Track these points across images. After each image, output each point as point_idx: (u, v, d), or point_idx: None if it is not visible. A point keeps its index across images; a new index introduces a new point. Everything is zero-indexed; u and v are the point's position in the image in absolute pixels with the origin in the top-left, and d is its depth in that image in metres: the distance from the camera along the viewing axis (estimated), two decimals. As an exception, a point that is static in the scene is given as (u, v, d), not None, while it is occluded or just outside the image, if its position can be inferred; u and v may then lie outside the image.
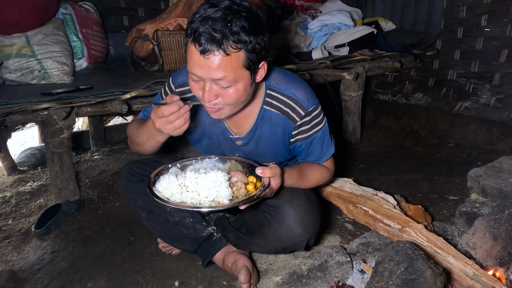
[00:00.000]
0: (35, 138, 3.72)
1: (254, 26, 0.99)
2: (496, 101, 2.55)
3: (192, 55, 0.99)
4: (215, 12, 0.95)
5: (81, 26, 2.59)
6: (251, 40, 0.99)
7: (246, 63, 1.01)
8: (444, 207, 1.83)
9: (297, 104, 1.21)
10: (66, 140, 1.88)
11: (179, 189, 1.07)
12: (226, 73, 0.99)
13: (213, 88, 1.04)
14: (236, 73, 1.01)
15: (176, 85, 1.29)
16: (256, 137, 1.28)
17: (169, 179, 1.10)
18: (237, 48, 0.98)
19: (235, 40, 0.96)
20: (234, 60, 0.99)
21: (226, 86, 1.03)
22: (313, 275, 1.26)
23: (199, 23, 0.96)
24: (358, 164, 2.47)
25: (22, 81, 2.22)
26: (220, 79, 1.00)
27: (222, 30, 0.95)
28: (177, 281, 1.39)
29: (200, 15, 0.97)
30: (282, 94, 1.22)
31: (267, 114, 1.24)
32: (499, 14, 2.48)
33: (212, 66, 0.98)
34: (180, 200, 1.05)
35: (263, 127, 1.26)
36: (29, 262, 1.58)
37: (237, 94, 1.05)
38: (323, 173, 1.35)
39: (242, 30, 0.96)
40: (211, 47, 0.96)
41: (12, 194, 2.21)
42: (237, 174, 1.14)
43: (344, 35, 2.89)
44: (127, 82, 2.14)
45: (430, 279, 0.96)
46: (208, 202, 1.04)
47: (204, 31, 0.95)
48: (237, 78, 1.02)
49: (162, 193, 1.07)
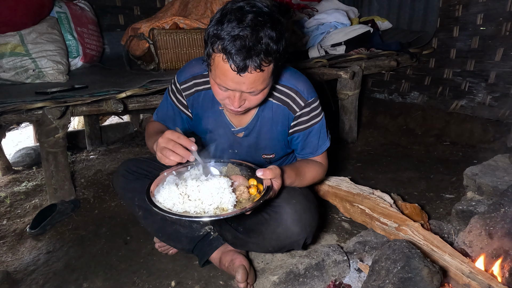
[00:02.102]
0: (30, 138, 3.69)
1: (280, 33, 1.01)
2: (492, 99, 2.56)
3: (226, 72, 1.00)
4: (244, 29, 0.95)
5: (76, 24, 2.57)
6: (279, 49, 1.01)
7: (274, 71, 1.06)
8: (440, 205, 1.84)
9: (297, 94, 1.24)
10: (61, 140, 1.87)
11: (180, 199, 1.04)
12: (259, 86, 1.04)
13: (242, 95, 1.07)
14: (266, 82, 1.06)
15: (180, 82, 1.30)
16: (258, 128, 1.30)
17: (169, 189, 1.06)
18: (269, 62, 1.01)
19: (267, 54, 0.98)
20: (266, 73, 1.03)
21: (256, 94, 1.08)
22: (310, 274, 1.26)
23: (231, 43, 0.96)
24: (354, 163, 2.47)
25: (16, 80, 2.20)
26: (252, 92, 1.05)
27: (255, 48, 0.96)
28: (174, 281, 1.38)
29: (228, 33, 0.96)
30: (283, 85, 1.25)
31: (268, 105, 1.26)
32: (495, 12, 2.49)
33: (247, 82, 1.01)
34: (183, 209, 1.02)
35: (265, 118, 1.28)
36: (24, 263, 1.57)
37: (263, 96, 1.12)
38: (318, 169, 1.36)
39: (271, 41, 0.98)
40: (248, 66, 0.97)
41: (7, 194, 2.19)
42: (238, 178, 1.13)
43: (341, 34, 2.89)
44: (123, 81, 2.13)
45: (426, 277, 0.96)
46: (213, 210, 1.02)
47: (239, 51, 0.95)
48: (266, 86, 1.08)
49: (164, 203, 1.04)
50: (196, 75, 1.28)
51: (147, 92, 1.93)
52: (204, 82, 1.27)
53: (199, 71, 1.27)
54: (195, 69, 1.28)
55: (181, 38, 2.42)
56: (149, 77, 2.11)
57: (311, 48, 2.82)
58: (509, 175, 1.62)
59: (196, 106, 1.32)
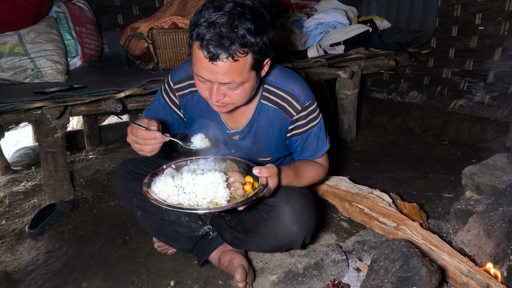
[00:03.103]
0: (29, 138, 3.68)
1: (259, 26, 0.99)
2: (490, 99, 2.56)
3: (200, 60, 0.99)
4: (221, 17, 0.95)
5: (74, 24, 2.57)
6: (257, 42, 0.99)
7: (253, 65, 1.03)
8: (439, 204, 1.84)
9: (294, 98, 1.22)
10: (60, 140, 1.87)
11: (175, 191, 1.05)
12: (234, 78, 1.01)
13: (220, 89, 1.05)
14: (244, 76, 1.03)
15: (174, 82, 1.29)
16: (253, 131, 1.29)
17: (165, 181, 1.08)
18: (244, 53, 0.99)
19: (242, 45, 0.97)
20: (242, 64, 1.00)
21: (235, 88, 1.05)
22: (309, 273, 1.26)
23: (206, 29, 0.95)
24: (353, 162, 2.47)
25: (15, 80, 2.20)
26: (228, 83, 1.03)
27: (229, 36, 0.95)
28: (173, 281, 1.38)
29: (205, 20, 0.96)
30: (279, 88, 1.23)
31: (264, 108, 1.25)
32: (493, 12, 2.50)
33: (221, 72, 0.99)
34: (177, 201, 1.04)
35: (260, 122, 1.27)
36: (23, 263, 1.57)
37: (244, 93, 1.08)
38: (318, 170, 1.35)
39: (248, 33, 0.96)
40: (220, 54, 0.96)
41: (6, 194, 2.19)
42: (234, 174, 1.14)
43: (340, 34, 2.89)
44: (122, 81, 2.13)
45: (425, 276, 0.96)
46: (206, 204, 1.03)
47: (211, 38, 0.95)
48: (244, 80, 1.04)
49: (159, 195, 1.06)
50: (191, 75, 1.26)
51: (146, 91, 1.93)
52: None
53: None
54: (190, 69, 1.24)
55: (180, 38, 2.42)
56: (148, 76, 2.11)
57: (310, 47, 2.81)
58: (507, 174, 1.62)
59: (190, 108, 1.31)
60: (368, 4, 3.50)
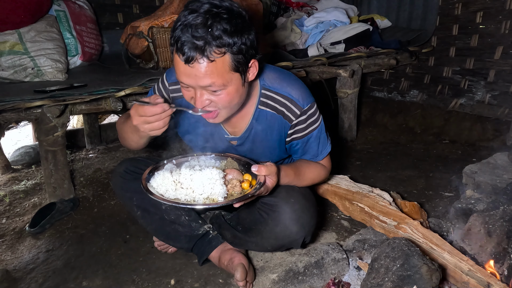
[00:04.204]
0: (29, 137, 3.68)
1: (237, 26, 0.97)
2: (491, 98, 2.56)
3: (178, 64, 0.98)
4: (195, 18, 0.94)
5: (75, 23, 2.56)
6: (235, 42, 0.97)
7: (233, 66, 1.00)
8: (439, 203, 1.84)
9: (292, 103, 1.20)
10: (60, 138, 1.87)
11: (173, 186, 1.07)
12: (213, 80, 0.98)
13: (204, 94, 1.03)
14: (224, 77, 0.99)
15: (170, 82, 1.27)
16: (252, 137, 1.28)
17: (163, 175, 1.09)
18: (221, 53, 0.96)
19: (218, 45, 0.94)
20: (220, 65, 0.97)
21: (217, 91, 1.02)
22: (309, 272, 1.26)
23: (180, 32, 0.94)
24: (354, 161, 2.47)
25: (15, 78, 2.20)
26: (208, 86, 0.99)
27: (203, 37, 0.93)
28: (173, 279, 1.38)
29: (181, 23, 0.95)
30: (277, 93, 1.21)
31: (262, 114, 1.23)
32: (494, 11, 2.49)
33: (199, 74, 0.97)
34: (174, 196, 1.05)
35: (259, 127, 1.25)
36: (23, 262, 1.57)
37: (229, 97, 1.04)
38: (320, 171, 1.35)
39: (224, 33, 0.94)
40: (195, 55, 0.94)
41: (6, 193, 2.19)
42: (232, 171, 1.14)
43: (340, 32, 2.89)
44: (122, 80, 2.13)
45: (425, 275, 0.96)
46: (203, 199, 1.04)
47: (186, 40, 0.93)
48: (226, 82, 1.01)
49: (157, 189, 1.07)
50: None
51: (146, 90, 1.92)
52: None
53: None
54: None
55: (180, 37, 2.41)
56: (148, 75, 2.11)
57: (311, 46, 2.81)
58: (508, 173, 1.62)
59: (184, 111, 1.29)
60: (368, 3, 3.49)
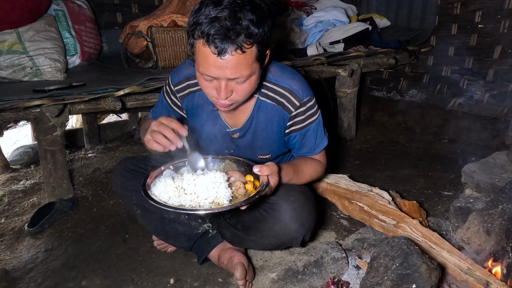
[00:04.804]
0: (28, 136, 3.68)
1: (260, 17, 1.00)
2: (490, 97, 2.56)
3: (208, 57, 0.99)
4: (222, 11, 0.95)
5: (73, 22, 2.56)
6: (260, 32, 0.99)
7: (257, 56, 1.03)
8: (438, 202, 1.84)
9: (292, 94, 1.22)
10: (59, 138, 1.86)
11: (176, 192, 1.04)
12: (243, 71, 1.01)
13: (228, 85, 1.05)
14: (251, 68, 1.03)
15: (174, 83, 1.30)
16: (253, 128, 1.29)
17: (165, 182, 1.07)
18: (250, 44, 0.98)
19: (247, 36, 0.97)
20: (249, 56, 1.00)
21: (242, 82, 1.05)
22: (308, 271, 1.26)
23: (209, 25, 0.95)
24: (353, 161, 2.47)
25: (13, 78, 2.19)
26: (237, 77, 1.02)
27: (234, 29, 0.95)
28: (173, 279, 1.38)
29: (206, 16, 0.96)
30: (277, 85, 1.23)
31: (263, 105, 1.25)
32: (493, 10, 2.50)
33: (230, 66, 0.99)
34: (178, 203, 1.03)
35: (259, 118, 1.27)
36: (22, 261, 1.57)
37: (250, 86, 1.08)
38: (316, 167, 1.36)
39: (251, 23, 0.97)
40: (228, 48, 0.96)
41: (5, 193, 2.19)
42: (234, 173, 1.13)
43: (339, 32, 2.89)
44: (121, 79, 2.13)
45: (425, 273, 0.96)
46: (208, 204, 1.02)
47: (217, 33, 0.94)
48: (251, 72, 1.04)
49: (159, 197, 1.04)
50: (189, 76, 1.26)
51: (145, 90, 1.92)
52: (198, 83, 1.26)
53: (192, 72, 1.25)
54: (188, 70, 1.27)
55: (179, 36, 2.41)
56: (147, 74, 2.11)
57: (310, 45, 2.81)
58: (507, 172, 1.62)
59: (191, 108, 1.31)
60: (367, 2, 3.49)
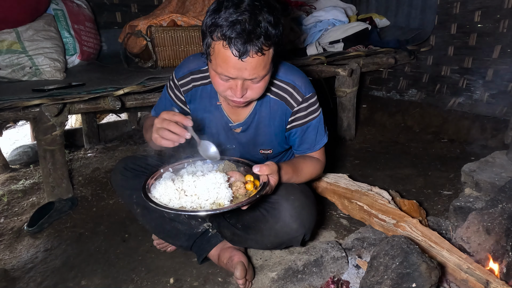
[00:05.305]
0: (27, 136, 3.68)
1: (276, 18, 1.01)
2: (489, 96, 2.56)
3: (227, 59, 1.00)
4: (242, 14, 0.96)
5: (73, 22, 2.55)
6: (277, 33, 1.02)
7: (273, 56, 1.06)
8: (438, 202, 1.85)
9: (295, 90, 1.24)
10: (59, 137, 1.86)
11: (177, 194, 1.04)
12: (260, 72, 1.03)
13: (244, 84, 1.07)
14: (267, 68, 1.06)
15: (178, 78, 1.31)
16: (255, 123, 1.30)
17: (165, 185, 1.07)
18: (269, 46, 1.01)
19: (266, 38, 0.98)
20: (267, 57, 1.03)
21: (258, 81, 1.07)
22: (308, 270, 1.26)
23: (230, 28, 0.96)
24: (353, 160, 2.47)
25: (13, 77, 2.19)
26: (254, 78, 1.04)
27: (255, 32, 0.96)
28: (172, 278, 1.38)
29: (225, 19, 0.97)
30: (281, 80, 1.25)
31: (266, 100, 1.26)
32: (492, 10, 2.49)
33: (249, 68, 1.01)
34: (179, 205, 1.03)
35: (262, 113, 1.28)
36: (21, 261, 1.56)
37: (264, 84, 1.11)
38: (316, 165, 1.36)
39: (270, 25, 0.99)
40: (249, 50, 0.97)
41: (4, 193, 2.18)
42: (234, 174, 1.13)
43: (339, 31, 2.89)
44: (120, 79, 2.12)
45: (425, 273, 0.96)
46: (209, 205, 1.03)
47: (239, 36, 0.96)
48: (267, 72, 1.07)
49: (160, 199, 1.04)
50: (193, 70, 1.28)
51: (145, 89, 1.92)
52: (201, 78, 1.27)
53: (196, 67, 1.28)
54: (192, 65, 1.29)
55: (179, 36, 2.41)
56: (147, 74, 2.11)
57: (309, 45, 2.81)
58: (506, 171, 1.62)
59: (194, 102, 1.32)
60: (367, 2, 3.49)
